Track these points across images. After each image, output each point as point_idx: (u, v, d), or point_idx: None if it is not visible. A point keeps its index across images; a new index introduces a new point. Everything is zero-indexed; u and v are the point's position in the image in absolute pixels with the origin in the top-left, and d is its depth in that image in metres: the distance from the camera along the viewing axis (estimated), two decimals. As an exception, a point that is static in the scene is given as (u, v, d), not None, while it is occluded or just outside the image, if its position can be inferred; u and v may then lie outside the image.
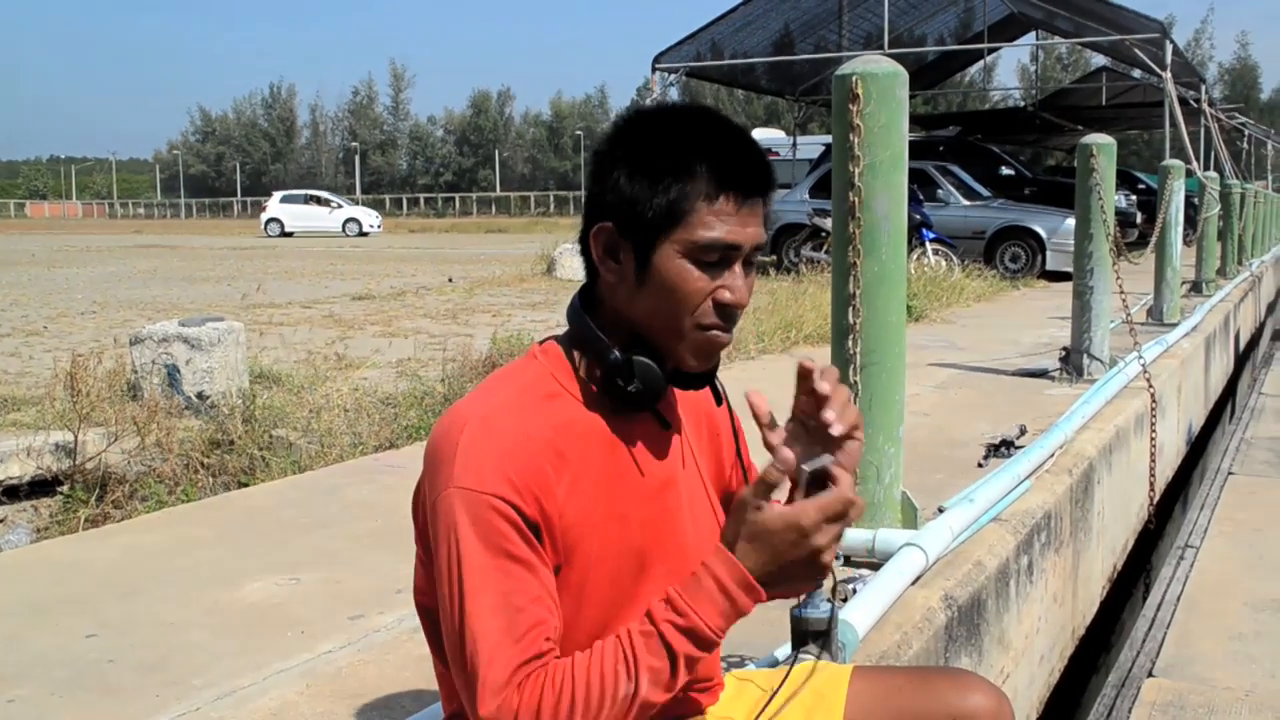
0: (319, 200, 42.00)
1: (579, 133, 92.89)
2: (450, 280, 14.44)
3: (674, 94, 17.74)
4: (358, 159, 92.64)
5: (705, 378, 1.30)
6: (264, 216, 40.47)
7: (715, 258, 1.20)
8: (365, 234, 39.34)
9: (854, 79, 2.79)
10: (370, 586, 2.71)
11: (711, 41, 17.40)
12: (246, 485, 4.02)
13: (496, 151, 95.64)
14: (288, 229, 39.19)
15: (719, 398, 1.38)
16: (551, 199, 76.93)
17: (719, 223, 1.19)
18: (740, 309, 1.23)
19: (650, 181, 1.19)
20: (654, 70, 16.65)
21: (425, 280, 14.90)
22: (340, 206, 41.93)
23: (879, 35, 16.89)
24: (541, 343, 1.30)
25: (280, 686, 2.12)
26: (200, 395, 5.15)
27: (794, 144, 21.49)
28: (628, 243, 1.21)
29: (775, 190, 1.25)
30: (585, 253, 1.26)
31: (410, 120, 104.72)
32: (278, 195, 42.50)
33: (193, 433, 4.50)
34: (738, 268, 1.22)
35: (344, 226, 39.82)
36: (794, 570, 1.12)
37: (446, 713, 1.34)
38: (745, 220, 1.21)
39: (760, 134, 24.83)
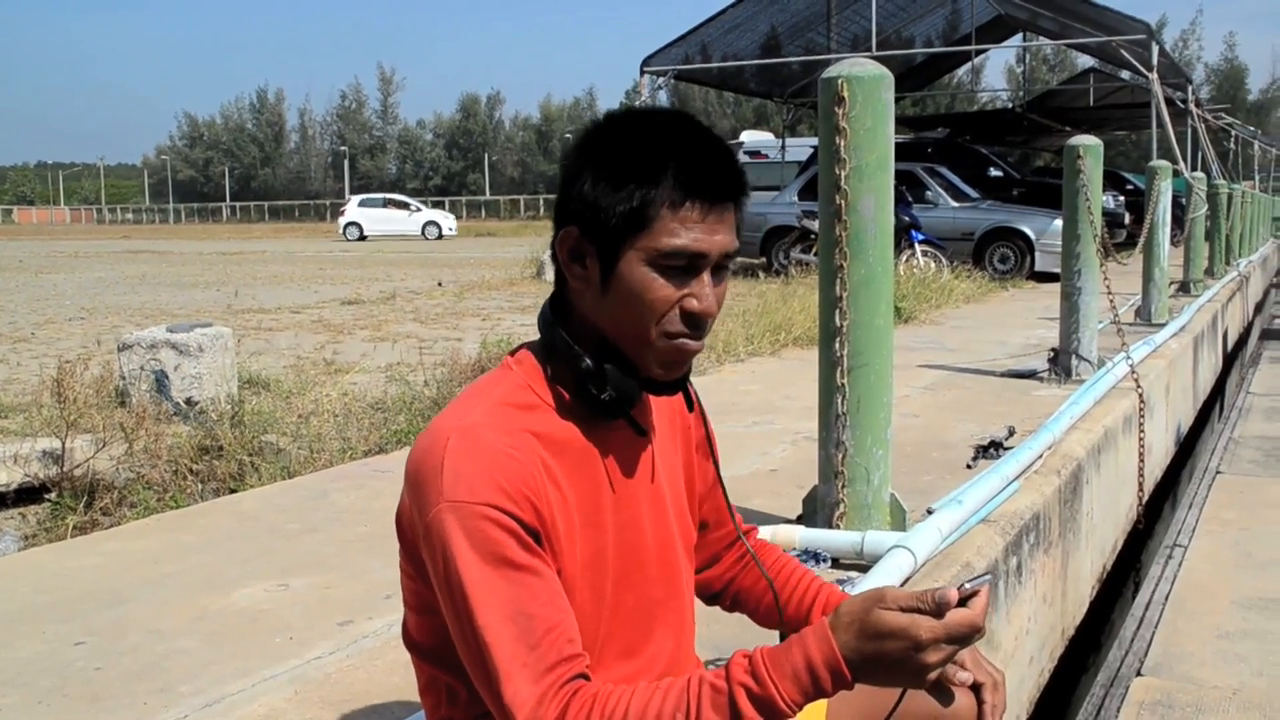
0: (398, 204, 41.47)
1: (568, 136, 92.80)
2: (440, 284, 14.42)
3: (663, 96, 17.73)
4: (347, 163, 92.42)
5: (677, 384, 1.28)
6: (342, 220, 39.81)
7: (682, 264, 1.18)
8: (443, 237, 38.86)
9: (840, 82, 2.80)
10: (359, 592, 2.71)
11: (700, 44, 17.42)
12: (235, 491, 4.00)
13: (486, 155, 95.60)
14: (366, 233, 38.61)
15: (690, 403, 1.37)
16: (541, 202, 76.84)
17: (684, 230, 1.17)
18: (709, 318, 1.21)
19: (615, 186, 1.17)
20: (642, 73, 16.66)
21: (414, 284, 14.88)
22: (419, 210, 41.42)
23: (867, 37, 16.94)
24: (514, 352, 1.29)
25: (269, 693, 2.12)
26: (189, 401, 5.13)
27: (783, 146, 21.52)
28: (592, 248, 1.20)
29: (748, 195, 1.23)
30: (554, 257, 1.25)
31: (399, 124, 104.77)
32: (355, 199, 41.87)
33: (181, 439, 4.49)
34: (706, 276, 1.20)
35: (423, 230, 39.27)
36: (893, 674, 1.05)
37: None
38: (713, 228, 1.18)
39: (749, 136, 24.89)
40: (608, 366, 1.22)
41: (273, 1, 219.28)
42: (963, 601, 1.05)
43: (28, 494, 4.22)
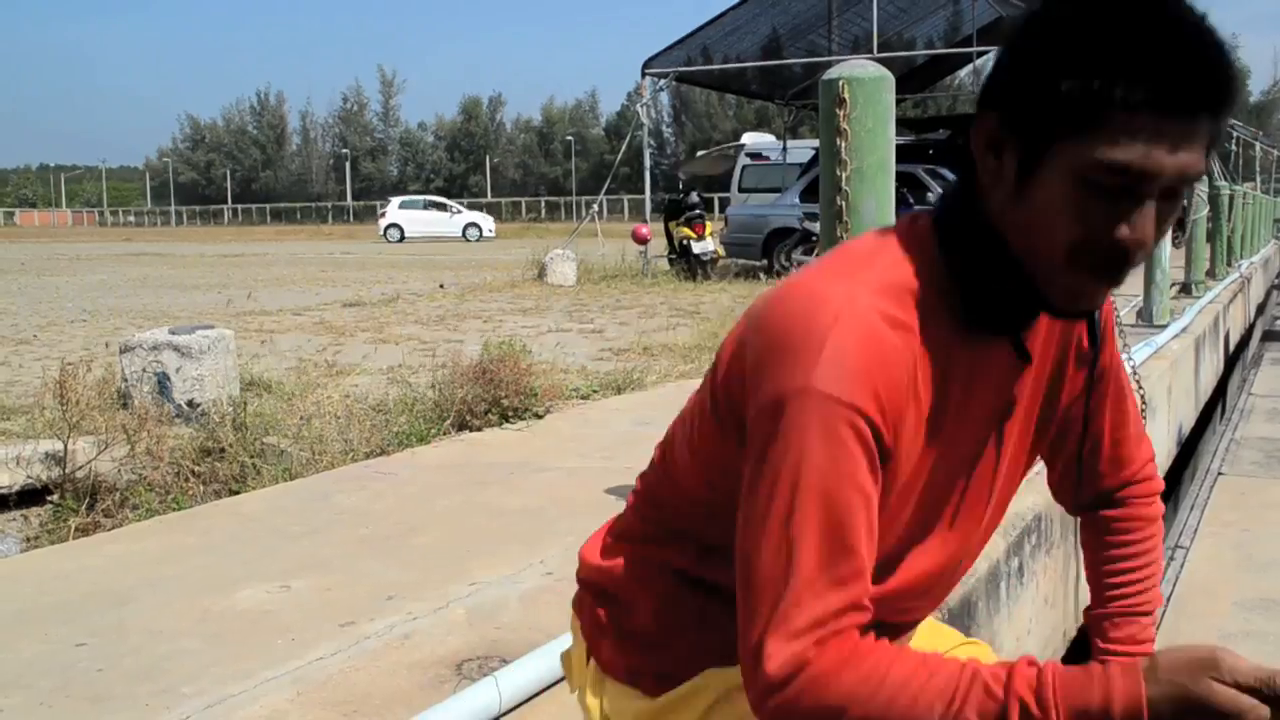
0: (438, 205, 41.41)
1: (569, 138, 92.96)
2: (441, 286, 14.43)
3: (664, 99, 17.77)
4: (348, 165, 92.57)
5: (1084, 313, 1.07)
6: (382, 223, 39.74)
7: (1122, 184, 0.92)
8: (483, 238, 38.78)
9: (840, 83, 2.80)
10: (361, 593, 2.71)
11: (702, 46, 17.44)
12: (237, 493, 4.01)
13: (487, 157, 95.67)
14: (407, 234, 38.49)
15: (1095, 339, 1.15)
16: (543, 204, 76.89)
17: (1135, 142, 0.90)
18: (1142, 252, 0.96)
19: (1055, 70, 0.92)
20: (644, 75, 16.68)
21: (416, 286, 14.88)
22: (460, 211, 41.33)
23: (868, 39, 16.95)
24: (915, 219, 1.09)
25: (270, 694, 2.12)
26: (191, 403, 5.14)
27: (784, 148, 21.52)
28: (1013, 140, 0.97)
29: (1233, 106, 0.94)
30: (968, 145, 1.04)
31: (401, 126, 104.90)
32: (396, 201, 41.85)
33: (183, 441, 4.50)
34: (1150, 203, 0.94)
35: (464, 231, 39.13)
36: None
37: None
38: (1175, 142, 0.91)
39: (751, 138, 24.86)
40: (1005, 277, 1.03)
41: (273, 3, 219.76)
42: None
43: (30, 496, 4.24)
